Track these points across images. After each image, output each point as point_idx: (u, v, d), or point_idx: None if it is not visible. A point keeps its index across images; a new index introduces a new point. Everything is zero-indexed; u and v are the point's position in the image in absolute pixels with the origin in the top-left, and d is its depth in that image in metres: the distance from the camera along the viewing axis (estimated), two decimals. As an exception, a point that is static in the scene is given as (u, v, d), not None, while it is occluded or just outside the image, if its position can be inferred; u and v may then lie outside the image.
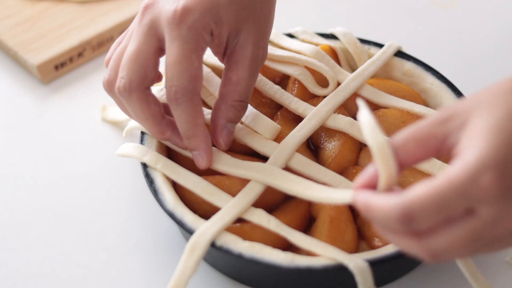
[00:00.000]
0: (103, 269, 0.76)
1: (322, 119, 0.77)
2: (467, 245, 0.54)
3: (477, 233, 0.53)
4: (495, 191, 0.51)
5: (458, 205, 0.52)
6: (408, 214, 0.53)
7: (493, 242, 0.54)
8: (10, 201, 0.83)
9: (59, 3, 1.05)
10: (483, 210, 0.52)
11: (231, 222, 0.68)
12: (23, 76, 0.99)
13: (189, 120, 0.69)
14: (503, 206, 0.52)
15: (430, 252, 0.54)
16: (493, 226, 0.53)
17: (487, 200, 0.52)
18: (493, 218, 0.52)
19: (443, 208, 0.52)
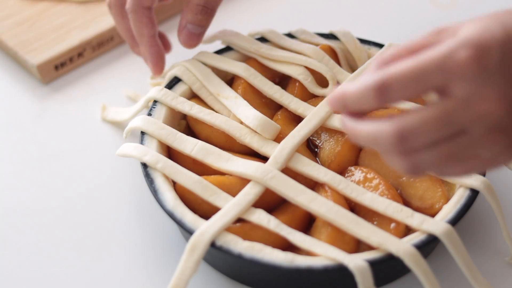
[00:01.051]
0: (103, 269, 0.76)
1: (322, 119, 0.77)
2: (437, 127, 0.53)
3: (448, 113, 0.53)
4: (470, 68, 0.51)
5: (434, 79, 0.52)
6: (384, 82, 0.53)
7: (463, 133, 0.53)
8: (10, 201, 0.83)
9: (59, 3, 1.05)
10: (456, 88, 0.52)
11: (231, 222, 0.68)
12: (23, 76, 0.99)
13: (136, 29, 0.84)
14: (476, 86, 0.52)
15: (399, 131, 0.54)
16: (465, 107, 0.53)
17: (462, 77, 0.52)
18: (466, 97, 0.52)
19: (419, 80, 0.53)
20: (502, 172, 0.80)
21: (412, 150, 0.55)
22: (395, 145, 0.54)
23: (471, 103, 0.53)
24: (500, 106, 0.52)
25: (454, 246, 0.66)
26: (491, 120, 0.53)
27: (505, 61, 0.52)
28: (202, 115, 0.78)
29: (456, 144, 0.54)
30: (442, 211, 0.69)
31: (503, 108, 0.53)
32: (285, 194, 0.70)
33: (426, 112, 0.54)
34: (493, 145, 0.54)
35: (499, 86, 0.52)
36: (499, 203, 0.71)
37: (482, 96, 0.52)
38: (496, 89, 0.52)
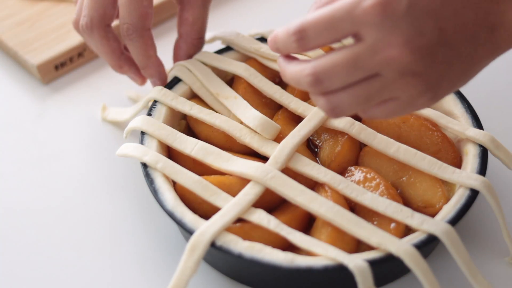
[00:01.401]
0: (103, 269, 0.76)
1: (322, 119, 0.77)
2: (347, 69, 0.57)
3: (356, 57, 0.57)
4: (376, 14, 0.55)
5: (344, 27, 0.56)
6: (302, 29, 0.58)
7: (376, 77, 0.57)
8: (10, 201, 0.83)
9: (59, 3, 1.05)
10: (365, 34, 0.56)
11: (231, 222, 0.68)
12: (23, 76, 0.99)
13: (141, 53, 0.81)
14: (382, 32, 0.55)
15: (313, 70, 0.58)
16: (371, 52, 0.56)
17: (369, 23, 0.55)
18: (372, 43, 0.56)
19: (331, 27, 0.57)
20: (502, 172, 0.80)
21: (329, 91, 0.59)
22: (312, 86, 0.59)
23: (378, 49, 0.56)
24: (405, 52, 0.56)
25: (454, 246, 0.66)
26: (399, 65, 0.56)
27: (411, 8, 0.55)
28: (202, 115, 0.78)
29: (370, 86, 0.58)
30: (442, 211, 0.69)
31: (408, 54, 0.56)
32: (285, 194, 0.70)
33: (338, 55, 0.58)
34: (408, 89, 0.58)
35: (405, 33, 0.55)
36: (499, 203, 0.71)
37: (388, 42, 0.56)
38: (401, 36, 0.55)
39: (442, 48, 0.57)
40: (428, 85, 0.58)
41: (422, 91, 0.58)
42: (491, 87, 0.95)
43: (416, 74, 0.57)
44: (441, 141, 0.76)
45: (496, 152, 0.74)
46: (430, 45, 0.56)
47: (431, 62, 0.57)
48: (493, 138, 0.75)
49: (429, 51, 0.57)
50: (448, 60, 0.58)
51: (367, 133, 0.75)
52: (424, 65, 0.57)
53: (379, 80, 0.58)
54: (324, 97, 0.60)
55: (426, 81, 0.58)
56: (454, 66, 0.59)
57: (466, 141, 0.76)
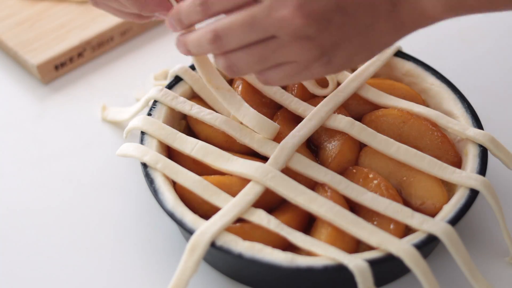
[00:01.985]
0: (103, 269, 0.76)
1: (322, 119, 0.77)
2: (244, 28, 0.59)
3: (252, 16, 0.58)
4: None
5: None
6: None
7: (272, 39, 0.59)
8: (10, 201, 0.83)
9: (59, 3, 1.05)
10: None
11: (231, 222, 0.68)
12: (23, 76, 0.99)
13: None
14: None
15: (212, 28, 0.61)
16: (267, 12, 0.58)
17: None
18: (268, 4, 0.58)
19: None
20: (502, 172, 0.80)
21: (227, 50, 0.61)
22: (211, 43, 0.61)
23: (272, 10, 0.58)
24: (297, 14, 0.57)
25: (454, 246, 0.66)
26: (292, 27, 0.58)
27: None
28: (202, 115, 0.78)
29: (266, 47, 0.60)
30: (442, 211, 0.69)
31: (301, 16, 0.57)
32: (285, 194, 0.70)
33: (237, 15, 0.60)
34: (303, 52, 0.59)
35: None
36: (499, 203, 0.71)
37: (283, 3, 0.57)
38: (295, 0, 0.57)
39: (338, 14, 0.58)
40: (323, 50, 0.59)
41: (316, 55, 0.59)
42: (491, 87, 0.95)
43: (310, 38, 0.58)
44: (441, 141, 0.76)
45: (496, 152, 0.74)
46: (325, 10, 0.57)
47: (325, 28, 0.58)
48: (493, 138, 0.75)
49: (323, 16, 0.57)
50: (345, 28, 0.59)
51: (367, 133, 0.75)
52: (318, 29, 0.58)
53: (274, 42, 0.59)
54: (222, 55, 0.62)
55: (320, 46, 0.59)
56: (351, 35, 0.60)
57: (466, 141, 0.76)
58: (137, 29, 1.04)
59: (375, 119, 0.78)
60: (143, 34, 1.05)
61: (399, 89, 0.82)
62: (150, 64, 0.99)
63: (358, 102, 0.81)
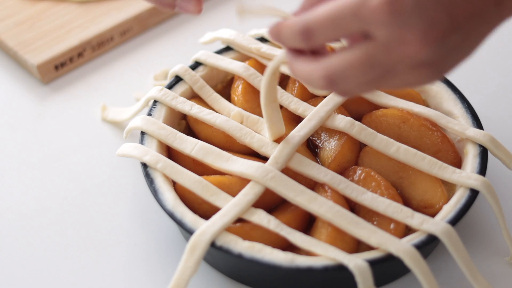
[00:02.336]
0: (103, 269, 0.76)
1: (322, 119, 0.77)
2: (362, 70, 0.56)
3: (371, 56, 0.55)
4: (383, 14, 0.53)
5: (351, 25, 0.55)
6: (307, 28, 0.57)
7: (388, 73, 0.56)
8: (10, 201, 0.83)
9: (59, 3, 1.05)
10: (376, 33, 0.55)
11: (231, 222, 0.68)
12: (23, 76, 0.99)
13: None
14: (394, 31, 0.54)
15: (327, 74, 0.57)
16: (386, 51, 0.55)
17: (377, 23, 0.54)
18: (385, 42, 0.55)
19: (338, 26, 0.56)
20: (502, 172, 0.80)
21: (342, 89, 0.59)
22: (326, 88, 0.59)
23: (391, 47, 0.55)
24: (420, 46, 0.55)
25: (454, 246, 0.66)
26: (413, 59, 0.56)
27: (419, 2, 0.54)
28: (202, 115, 0.78)
29: (383, 80, 0.58)
30: (442, 211, 0.69)
31: (423, 48, 0.55)
32: (285, 194, 0.70)
33: (351, 56, 0.57)
34: (418, 76, 0.57)
35: (416, 28, 0.54)
36: (499, 203, 0.71)
37: (402, 39, 0.54)
38: (414, 31, 0.54)
39: (454, 33, 0.56)
40: (439, 70, 0.58)
41: (430, 76, 0.58)
42: (491, 87, 0.95)
43: (429, 64, 0.56)
44: (441, 141, 0.76)
45: (496, 152, 0.75)
46: (443, 34, 0.55)
47: (444, 50, 0.56)
48: (493, 138, 0.75)
49: (441, 40, 0.55)
50: (459, 44, 0.57)
51: (367, 133, 0.75)
52: (439, 55, 0.56)
53: (391, 73, 0.57)
54: (337, 93, 0.60)
55: (437, 68, 0.57)
56: (464, 48, 0.58)
57: (466, 141, 0.76)
58: (137, 29, 1.04)
59: (375, 119, 0.78)
60: (143, 34, 1.05)
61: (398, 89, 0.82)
62: (150, 64, 0.99)
63: (358, 102, 0.81)
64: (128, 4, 1.04)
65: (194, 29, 1.06)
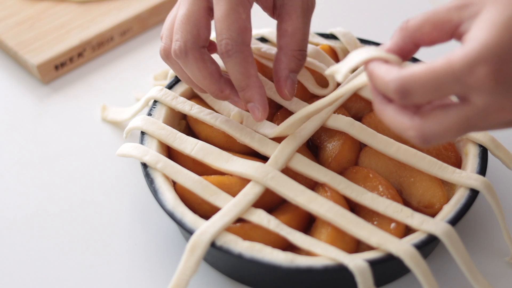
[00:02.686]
0: (103, 269, 0.76)
1: (323, 119, 0.77)
2: (458, 133, 0.57)
3: (468, 121, 0.56)
4: (489, 83, 0.53)
5: (452, 89, 0.55)
6: (405, 87, 0.56)
7: (483, 130, 0.58)
8: (10, 201, 0.83)
9: (59, 3, 1.05)
10: (476, 99, 0.55)
11: (231, 222, 0.68)
12: (23, 76, 0.99)
13: (241, 71, 0.70)
14: (495, 98, 0.54)
15: (422, 136, 0.57)
16: (483, 116, 0.56)
17: (480, 90, 0.54)
18: (484, 108, 0.55)
19: (438, 89, 0.55)
20: (502, 172, 0.80)
21: (434, 144, 0.60)
22: (418, 144, 0.59)
23: (490, 113, 0.55)
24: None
25: (454, 246, 0.66)
26: (507, 123, 0.57)
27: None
28: (202, 115, 0.78)
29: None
30: (442, 211, 0.69)
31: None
32: (285, 194, 0.70)
33: (448, 119, 0.56)
34: (504, 128, 0.58)
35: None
36: (499, 203, 0.71)
37: (500, 107, 0.55)
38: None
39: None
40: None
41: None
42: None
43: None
44: (441, 141, 0.76)
45: (496, 152, 0.75)
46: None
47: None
48: (493, 138, 0.75)
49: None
50: None
51: (367, 133, 0.75)
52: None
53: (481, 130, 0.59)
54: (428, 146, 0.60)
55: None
56: None
57: (466, 141, 0.76)
58: (137, 29, 1.04)
59: (375, 119, 0.78)
60: (143, 34, 1.05)
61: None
62: (150, 64, 0.99)
63: (358, 102, 0.81)
64: (128, 4, 1.04)
65: (194, 29, 1.05)
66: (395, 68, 0.57)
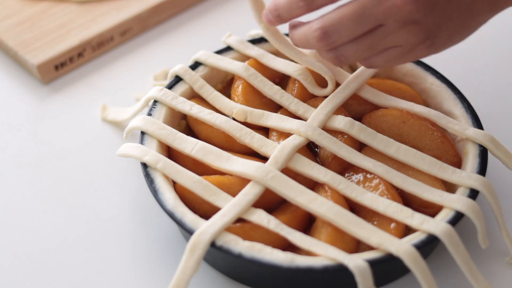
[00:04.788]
0: (103, 269, 0.76)
1: (322, 121, 0.77)
2: (355, 21, 0.60)
3: (363, 7, 0.60)
4: None
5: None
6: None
7: (380, 28, 0.61)
8: (10, 201, 0.83)
9: (59, 3, 1.05)
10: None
11: (231, 222, 0.68)
12: (23, 76, 0.99)
13: None
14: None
15: (321, 25, 0.62)
16: (376, 3, 0.59)
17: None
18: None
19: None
20: (502, 172, 0.80)
21: (337, 45, 0.63)
22: (320, 40, 0.62)
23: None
24: (408, 1, 0.59)
25: (454, 246, 0.66)
26: (401, 13, 0.60)
27: None
28: (202, 115, 0.78)
29: (374, 36, 0.62)
30: (442, 211, 0.69)
31: (410, 3, 0.60)
32: (285, 194, 0.70)
33: (345, 9, 0.61)
34: (409, 36, 0.62)
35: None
36: (499, 203, 0.71)
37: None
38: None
39: (445, 2, 0.60)
40: (428, 33, 0.62)
41: (421, 39, 0.62)
42: (491, 87, 0.95)
43: (416, 22, 0.61)
44: (441, 141, 0.76)
45: (496, 152, 0.75)
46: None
47: (431, 11, 0.60)
48: (493, 138, 0.75)
49: (431, 2, 0.60)
50: (448, 9, 0.61)
51: (367, 133, 0.75)
52: (425, 13, 0.60)
53: (382, 30, 0.61)
54: (331, 51, 0.63)
55: (425, 29, 0.61)
56: (453, 17, 0.62)
57: (466, 141, 0.76)
58: (137, 29, 1.04)
59: (375, 119, 0.78)
60: (143, 34, 1.05)
61: (399, 89, 0.82)
62: (150, 64, 0.99)
63: (358, 102, 0.81)
64: (128, 4, 1.04)
65: (194, 29, 1.06)
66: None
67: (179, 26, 1.06)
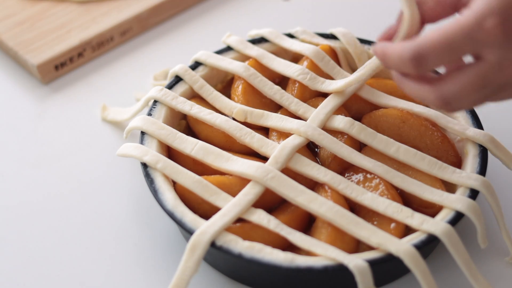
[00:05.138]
0: (103, 269, 0.76)
1: (322, 121, 0.77)
2: (475, 90, 0.58)
3: (484, 77, 0.57)
4: (498, 34, 0.55)
5: (465, 48, 0.57)
6: (419, 55, 0.58)
7: (500, 89, 0.59)
8: (10, 201, 0.83)
9: (59, 3, 1.05)
10: (488, 55, 0.57)
11: (231, 222, 0.68)
12: (23, 76, 0.99)
13: None
14: (506, 51, 0.56)
15: (442, 97, 0.59)
16: (498, 70, 0.57)
17: (491, 44, 0.56)
18: (498, 61, 0.57)
19: (451, 50, 0.57)
20: (502, 172, 0.80)
21: (455, 108, 0.61)
22: (440, 107, 0.61)
23: (504, 67, 0.57)
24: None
25: (454, 246, 0.66)
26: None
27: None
28: (202, 115, 0.78)
29: (493, 94, 0.60)
30: (442, 211, 0.69)
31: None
32: (285, 194, 0.70)
33: (465, 78, 0.58)
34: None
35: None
36: (499, 203, 0.71)
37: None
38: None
39: None
40: None
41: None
42: (491, 87, 0.94)
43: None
44: (441, 141, 0.76)
45: (496, 152, 0.75)
46: None
47: None
48: (493, 138, 0.75)
49: None
50: None
51: (367, 133, 0.75)
52: None
53: (502, 89, 0.60)
54: (451, 110, 0.62)
55: None
56: None
57: (466, 141, 0.76)
58: (137, 29, 1.04)
59: (375, 119, 0.78)
60: (143, 34, 1.05)
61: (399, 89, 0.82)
62: (150, 64, 1.00)
63: (358, 102, 0.81)
64: (128, 4, 1.04)
65: (194, 29, 1.06)
66: (406, 41, 0.59)
67: (179, 26, 1.06)
